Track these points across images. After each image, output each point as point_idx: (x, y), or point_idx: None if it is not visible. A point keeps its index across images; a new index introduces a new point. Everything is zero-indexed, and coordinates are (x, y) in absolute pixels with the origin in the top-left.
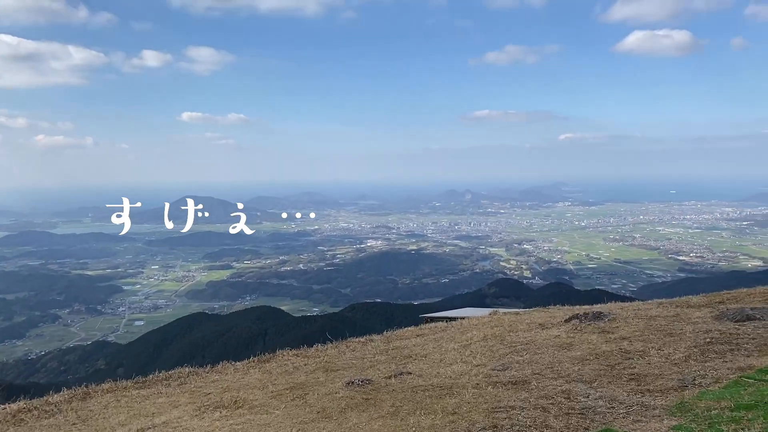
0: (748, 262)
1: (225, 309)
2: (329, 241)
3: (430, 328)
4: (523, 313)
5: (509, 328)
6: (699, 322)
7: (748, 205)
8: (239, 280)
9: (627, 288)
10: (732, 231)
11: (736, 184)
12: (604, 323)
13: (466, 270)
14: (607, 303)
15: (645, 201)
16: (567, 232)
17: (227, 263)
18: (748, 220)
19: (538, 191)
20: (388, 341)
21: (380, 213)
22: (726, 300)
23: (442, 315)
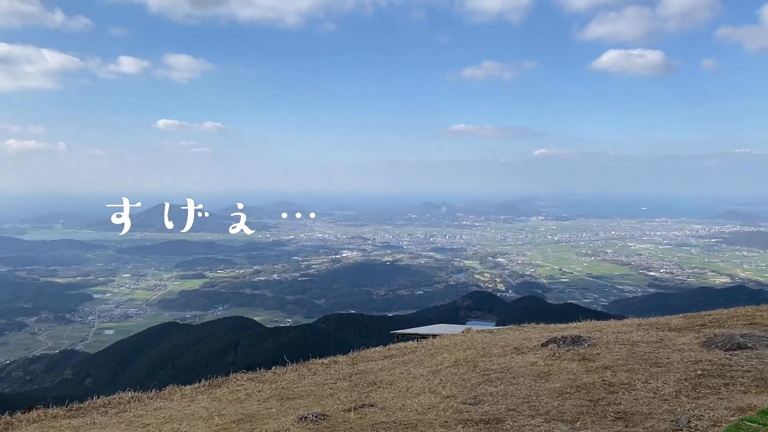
0: (717, 278)
1: (197, 319)
2: (304, 252)
3: (399, 348)
4: (496, 332)
5: (482, 352)
6: (686, 349)
7: (716, 223)
8: (212, 290)
9: (599, 302)
10: (701, 248)
11: (705, 202)
12: (584, 349)
13: (440, 282)
14: (583, 321)
15: (617, 217)
16: (540, 246)
17: (200, 272)
18: (716, 237)
19: (512, 205)
20: (353, 363)
21: (356, 224)
22: (708, 323)
23: (413, 332)
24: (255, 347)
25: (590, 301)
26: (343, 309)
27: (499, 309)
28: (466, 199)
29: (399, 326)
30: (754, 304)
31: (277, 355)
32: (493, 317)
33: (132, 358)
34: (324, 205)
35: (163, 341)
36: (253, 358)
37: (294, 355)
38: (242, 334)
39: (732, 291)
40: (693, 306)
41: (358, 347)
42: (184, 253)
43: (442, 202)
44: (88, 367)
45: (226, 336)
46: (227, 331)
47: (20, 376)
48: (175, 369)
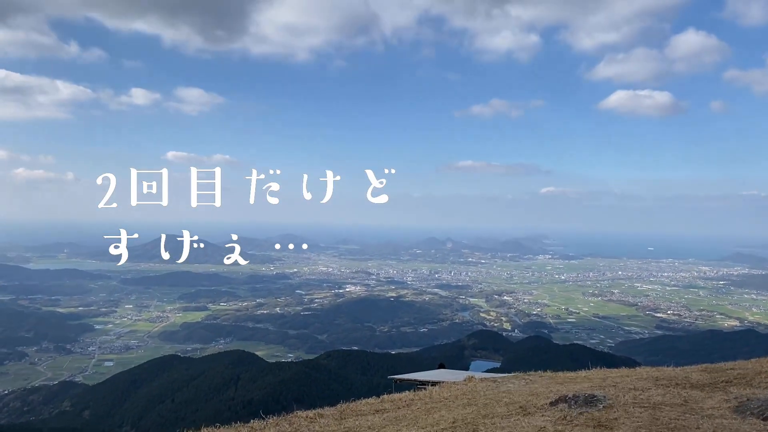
0: (725, 321)
1: (198, 352)
2: (307, 285)
3: (393, 401)
4: (500, 382)
5: (484, 411)
6: (716, 416)
7: (724, 265)
8: (214, 323)
9: (605, 343)
10: (709, 290)
11: (712, 244)
12: (598, 411)
13: (445, 320)
14: (592, 369)
15: (623, 257)
16: (547, 285)
17: (203, 305)
18: (724, 279)
19: (519, 243)
20: (341, 418)
21: (360, 258)
22: (734, 380)
23: (412, 377)
24: (256, 382)
25: (597, 342)
26: (345, 345)
27: (504, 349)
28: (472, 235)
29: (402, 364)
30: (763, 348)
31: (278, 391)
32: (499, 357)
33: (131, 391)
34: (328, 238)
35: (163, 374)
36: (253, 394)
37: (294, 391)
38: (243, 368)
39: (741, 335)
40: (701, 349)
41: (360, 385)
42: (187, 284)
43: (447, 238)
44: (86, 399)
45: (226, 370)
46: (228, 366)
47: (18, 406)
48: (174, 403)
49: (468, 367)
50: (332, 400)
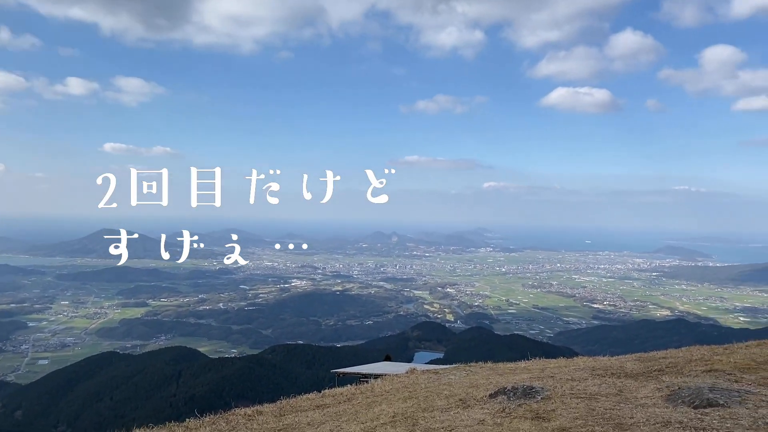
0: (657, 311)
1: (138, 349)
2: (252, 280)
3: (335, 395)
4: (442, 374)
5: (424, 404)
6: (649, 404)
7: (657, 257)
8: (155, 319)
9: (544, 333)
10: (642, 281)
11: (646, 237)
12: (536, 403)
13: (390, 312)
14: (532, 360)
15: (562, 249)
16: (488, 277)
17: (143, 300)
18: (657, 271)
19: (462, 236)
20: (280, 415)
21: (306, 252)
22: (666, 368)
23: (355, 371)
24: (198, 378)
25: (536, 332)
26: (290, 339)
27: (447, 340)
28: (417, 229)
29: (347, 357)
30: (692, 336)
31: (221, 387)
32: (442, 348)
33: (67, 390)
34: (274, 232)
35: (101, 372)
36: (195, 390)
37: (238, 387)
38: (185, 365)
39: (672, 324)
40: (636, 338)
41: (305, 379)
42: (126, 280)
43: (393, 232)
44: (18, 400)
45: (167, 367)
46: (169, 362)
47: None
48: (113, 401)
49: (412, 358)
50: (276, 395)
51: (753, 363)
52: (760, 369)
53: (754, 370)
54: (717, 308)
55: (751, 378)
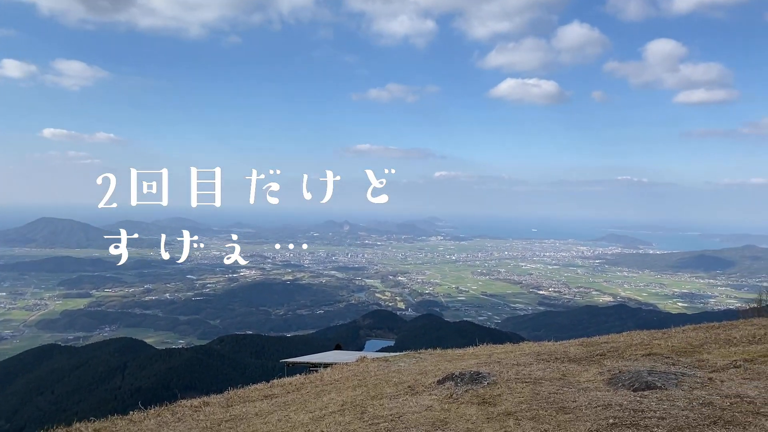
0: (600, 297)
1: (81, 341)
2: (200, 270)
3: (284, 385)
4: (392, 361)
5: (373, 391)
6: (591, 388)
7: (600, 245)
8: (98, 310)
9: (492, 320)
10: (586, 268)
11: (590, 225)
12: (483, 388)
13: (341, 301)
14: (479, 346)
15: (510, 238)
16: (439, 265)
17: (86, 291)
18: (600, 258)
19: (413, 225)
20: (227, 405)
21: (256, 241)
22: (607, 353)
23: (305, 360)
24: (144, 370)
25: (485, 319)
26: (239, 330)
27: (398, 327)
28: (369, 218)
29: (297, 347)
30: (633, 321)
31: (168, 379)
32: (393, 336)
33: (5, 384)
34: (222, 221)
35: (42, 365)
36: (142, 382)
37: (186, 378)
38: (130, 356)
39: (614, 309)
40: (579, 324)
41: (254, 369)
42: (68, 270)
43: (344, 220)
44: None
45: (112, 358)
46: (114, 354)
47: None
48: (54, 395)
49: (363, 346)
50: (225, 386)
51: (689, 346)
52: (695, 352)
53: (690, 353)
54: (657, 294)
55: (687, 361)
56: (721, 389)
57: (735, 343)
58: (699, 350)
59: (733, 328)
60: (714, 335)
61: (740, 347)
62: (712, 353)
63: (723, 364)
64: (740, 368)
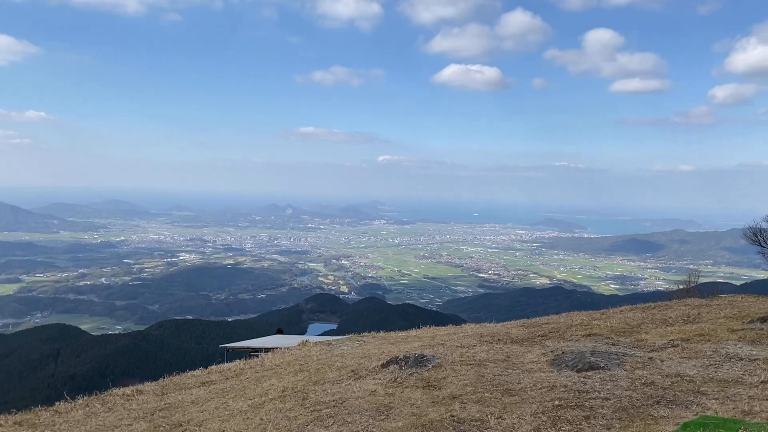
0: (538, 279)
1: (10, 327)
2: (137, 254)
3: (222, 371)
4: (335, 345)
5: (316, 376)
6: (536, 369)
7: (537, 229)
8: (29, 295)
9: (434, 302)
10: (524, 251)
11: (528, 210)
12: (428, 371)
13: (284, 285)
14: (422, 328)
15: (452, 221)
16: (382, 248)
17: (15, 276)
18: (537, 242)
19: (357, 209)
20: (162, 393)
21: (196, 225)
22: (549, 334)
23: (245, 345)
24: (79, 357)
25: (426, 302)
26: (179, 314)
27: (341, 311)
28: (312, 202)
29: (239, 332)
30: (568, 303)
31: (104, 365)
32: (336, 319)
33: None
34: (160, 204)
35: None
36: (76, 369)
37: (123, 364)
38: (64, 343)
39: (550, 291)
40: (518, 305)
41: (195, 354)
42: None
43: (287, 204)
44: None
45: (44, 345)
46: (46, 340)
47: None
48: None
49: (306, 330)
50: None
51: (627, 327)
52: (633, 332)
53: (628, 333)
54: (591, 276)
55: (626, 341)
56: (661, 369)
57: (671, 323)
58: (637, 330)
59: (668, 309)
60: (650, 315)
61: (676, 327)
62: (650, 333)
63: (661, 343)
64: (678, 347)
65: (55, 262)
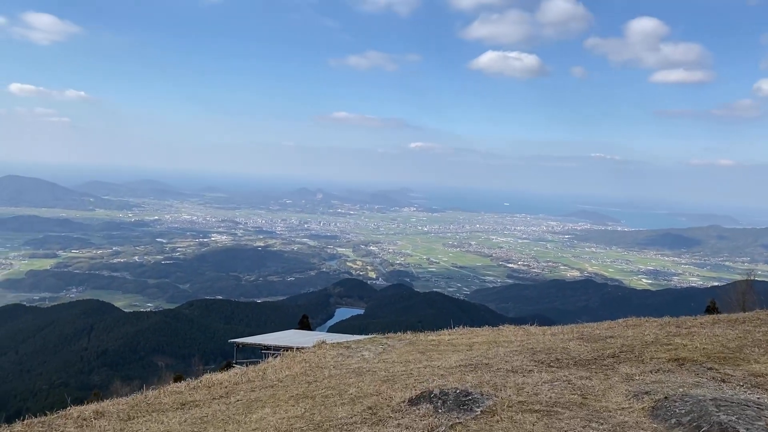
0: (567, 272)
1: (47, 301)
2: (170, 233)
3: (211, 386)
4: (354, 348)
5: (320, 412)
6: (631, 425)
7: (569, 220)
8: (65, 271)
9: (462, 291)
10: (555, 243)
11: (561, 201)
12: (475, 420)
13: (313, 269)
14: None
15: (482, 211)
16: (411, 236)
17: (52, 251)
18: (569, 233)
19: (386, 195)
20: (127, 418)
21: (227, 207)
22: (620, 354)
23: (257, 341)
24: (111, 332)
25: (454, 290)
26: (209, 294)
27: (369, 296)
28: (343, 187)
29: (267, 313)
30: (599, 296)
31: (135, 341)
32: (363, 304)
33: None
34: (193, 185)
35: (5, 324)
36: (108, 344)
37: (153, 341)
38: (97, 318)
39: (581, 284)
40: (546, 297)
41: (223, 334)
42: (34, 230)
43: (318, 188)
44: None
45: (78, 320)
46: (80, 315)
47: None
48: (18, 354)
49: (333, 314)
50: (193, 350)
51: (725, 350)
52: (738, 360)
53: (733, 362)
54: (623, 270)
55: (737, 374)
56: None
57: None
58: (741, 357)
59: (763, 324)
60: (746, 333)
61: None
62: (760, 361)
63: None
64: None
65: (90, 239)
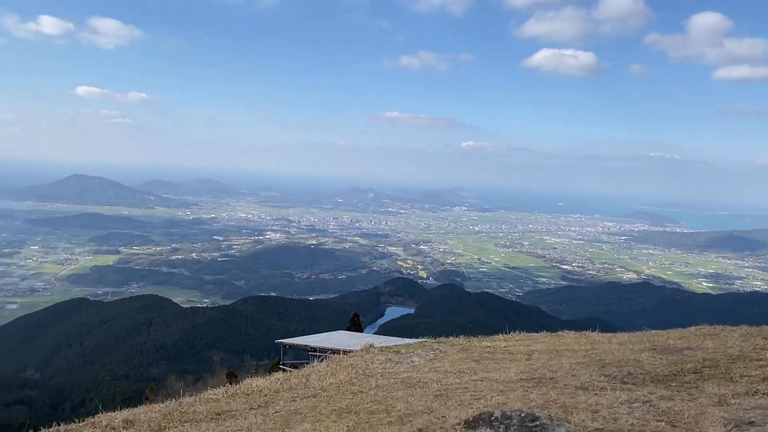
0: (624, 274)
1: (109, 296)
2: (226, 231)
3: (250, 394)
4: (403, 354)
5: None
6: None
7: (626, 221)
8: (126, 266)
9: (513, 292)
10: (611, 244)
11: (618, 202)
12: None
13: (364, 267)
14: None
15: (535, 211)
16: (462, 235)
17: (115, 248)
18: (626, 235)
19: (437, 195)
20: (159, 429)
21: (281, 205)
22: (702, 369)
23: (304, 342)
24: (169, 327)
25: (506, 291)
26: (263, 291)
27: (419, 296)
28: (394, 186)
29: (319, 311)
30: (657, 299)
31: (192, 336)
32: (413, 303)
33: (36, 335)
34: (249, 184)
35: (71, 318)
36: (166, 338)
37: (209, 336)
38: (156, 313)
39: (637, 287)
40: (601, 299)
41: (277, 330)
42: (98, 227)
43: (369, 187)
44: None
45: (138, 314)
46: (140, 310)
47: None
48: (83, 347)
49: (384, 313)
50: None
51: None
52: None
53: None
54: (682, 273)
55: None
56: None
57: None
58: None
59: None
60: None
61: None
62: None
63: None
64: None
65: (150, 237)
